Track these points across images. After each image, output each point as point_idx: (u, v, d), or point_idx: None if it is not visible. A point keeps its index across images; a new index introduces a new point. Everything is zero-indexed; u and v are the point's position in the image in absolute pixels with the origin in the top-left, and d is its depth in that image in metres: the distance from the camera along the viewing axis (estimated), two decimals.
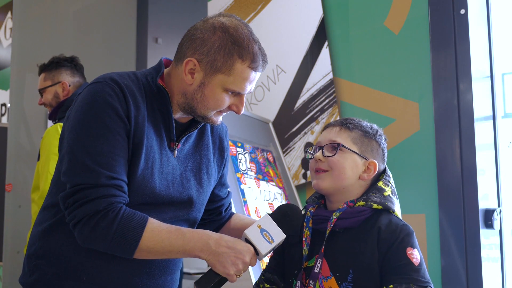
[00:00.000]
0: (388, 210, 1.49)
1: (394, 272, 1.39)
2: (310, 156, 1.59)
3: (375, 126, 1.59)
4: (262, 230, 1.44)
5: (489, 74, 2.63)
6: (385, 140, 1.60)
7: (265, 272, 1.63)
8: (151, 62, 3.94)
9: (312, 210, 1.56)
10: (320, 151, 1.54)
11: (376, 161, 1.54)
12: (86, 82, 2.63)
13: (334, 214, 1.48)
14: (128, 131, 1.41)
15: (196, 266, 3.76)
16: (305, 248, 1.51)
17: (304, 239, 1.52)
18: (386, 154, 1.59)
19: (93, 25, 4.07)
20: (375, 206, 1.48)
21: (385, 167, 1.59)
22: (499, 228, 2.54)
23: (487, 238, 2.51)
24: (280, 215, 1.49)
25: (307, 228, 1.53)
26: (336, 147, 1.52)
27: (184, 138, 1.57)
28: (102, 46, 4.05)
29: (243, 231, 1.45)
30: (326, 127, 1.60)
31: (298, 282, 1.49)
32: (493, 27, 2.64)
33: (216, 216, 1.77)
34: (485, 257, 2.47)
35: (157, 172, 1.47)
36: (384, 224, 1.44)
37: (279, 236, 1.45)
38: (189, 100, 1.50)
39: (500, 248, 2.57)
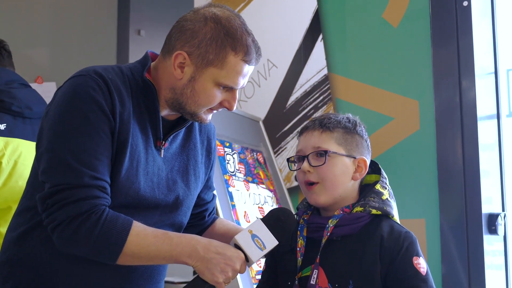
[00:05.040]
0: (387, 215, 1.50)
1: (402, 284, 1.40)
2: (295, 168, 1.58)
3: (351, 117, 1.58)
4: (253, 236, 1.44)
5: (493, 70, 2.65)
6: (365, 127, 1.59)
7: None
8: (133, 55, 3.92)
9: (305, 218, 1.56)
10: (306, 161, 1.52)
11: (364, 157, 1.54)
12: (2, 68, 2.45)
13: (330, 221, 1.48)
14: (113, 128, 1.41)
15: (180, 274, 3.74)
16: (299, 258, 1.50)
17: (298, 249, 1.51)
18: (369, 143, 1.59)
19: (71, 15, 4.04)
20: (374, 211, 1.48)
21: (380, 169, 1.59)
22: (503, 234, 2.56)
23: (491, 244, 2.53)
24: (273, 220, 1.48)
25: (301, 237, 1.52)
26: (323, 154, 1.50)
27: (171, 137, 1.56)
28: (80, 38, 4.02)
29: (231, 237, 1.46)
30: (303, 130, 1.58)
31: None
32: (498, 20, 2.66)
33: (199, 220, 1.77)
34: (489, 265, 2.48)
35: (142, 172, 1.47)
36: (386, 231, 1.45)
37: (271, 242, 1.45)
38: (178, 96, 1.49)
39: (505, 255, 2.59)
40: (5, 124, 2.18)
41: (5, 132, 2.17)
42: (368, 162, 1.55)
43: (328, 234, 1.46)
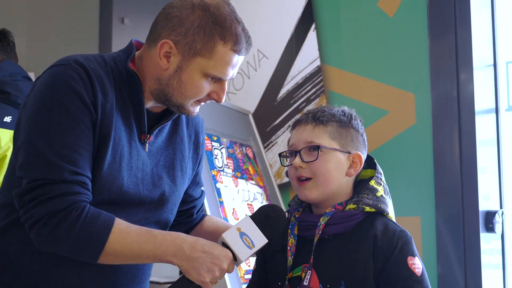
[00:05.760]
0: (382, 213, 1.49)
1: (396, 286, 1.40)
2: (287, 164, 1.58)
3: (347, 110, 1.57)
4: (242, 234, 1.44)
5: (492, 62, 2.67)
6: (361, 121, 1.59)
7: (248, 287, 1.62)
8: (117, 45, 3.89)
9: (297, 216, 1.55)
10: (298, 156, 1.51)
11: (360, 152, 1.54)
12: (8, 60, 2.48)
13: (321, 219, 1.47)
14: (94, 121, 1.40)
15: (166, 274, 3.74)
16: (289, 258, 1.50)
17: (288, 247, 1.51)
18: (365, 137, 1.59)
19: (50, 1, 4.01)
20: (367, 209, 1.47)
21: (375, 163, 1.59)
22: (501, 232, 2.58)
23: (488, 243, 2.55)
24: (262, 217, 1.48)
25: (291, 236, 1.52)
26: (315, 149, 1.50)
27: (157, 130, 1.56)
28: (60, 26, 3.99)
29: (220, 235, 1.45)
30: (295, 124, 1.57)
31: None
32: (497, 11, 2.67)
33: (187, 218, 1.77)
34: (486, 264, 2.50)
35: (125, 167, 1.46)
36: (379, 230, 1.44)
37: (260, 240, 1.45)
38: (163, 87, 1.48)
39: (502, 253, 2.61)
40: (10, 117, 2.20)
41: (11, 125, 2.19)
42: (364, 158, 1.55)
43: (320, 232, 1.46)
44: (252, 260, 1.68)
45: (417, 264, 1.41)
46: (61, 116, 1.36)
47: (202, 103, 1.55)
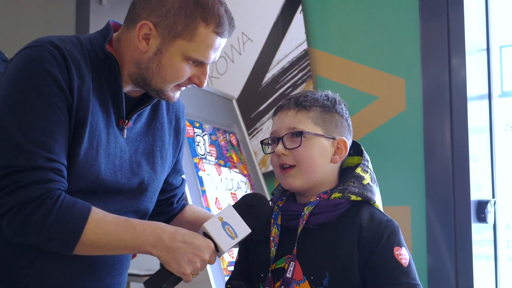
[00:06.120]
0: (369, 202, 1.50)
1: (382, 276, 1.40)
2: (269, 151, 1.58)
3: (330, 95, 1.57)
4: (224, 224, 1.45)
5: (485, 46, 2.68)
6: (345, 106, 1.59)
7: (230, 280, 1.62)
8: (94, 26, 3.86)
9: (280, 205, 1.55)
10: (280, 143, 1.51)
11: (344, 138, 1.54)
12: None
13: (305, 208, 1.48)
14: (70, 105, 1.39)
15: (145, 266, 3.75)
16: (272, 249, 1.50)
17: (271, 238, 1.51)
18: (350, 122, 1.59)
19: None
20: (353, 197, 1.47)
21: (362, 150, 1.59)
22: (493, 222, 2.60)
23: (480, 233, 2.57)
24: (245, 207, 1.49)
25: (275, 226, 1.52)
26: (298, 135, 1.50)
27: (135, 115, 1.55)
28: (36, 7, 3.95)
29: (202, 224, 1.46)
30: (277, 110, 1.57)
31: None
32: None
33: (167, 207, 1.77)
34: (477, 255, 2.52)
35: (102, 154, 1.46)
36: (365, 219, 1.44)
37: (243, 230, 1.46)
38: (142, 71, 1.48)
39: (494, 244, 2.64)
40: None
41: None
42: (349, 143, 1.55)
43: (304, 222, 1.46)
44: (236, 252, 1.69)
45: (404, 255, 1.42)
46: (35, 100, 1.35)
47: (183, 88, 1.55)
